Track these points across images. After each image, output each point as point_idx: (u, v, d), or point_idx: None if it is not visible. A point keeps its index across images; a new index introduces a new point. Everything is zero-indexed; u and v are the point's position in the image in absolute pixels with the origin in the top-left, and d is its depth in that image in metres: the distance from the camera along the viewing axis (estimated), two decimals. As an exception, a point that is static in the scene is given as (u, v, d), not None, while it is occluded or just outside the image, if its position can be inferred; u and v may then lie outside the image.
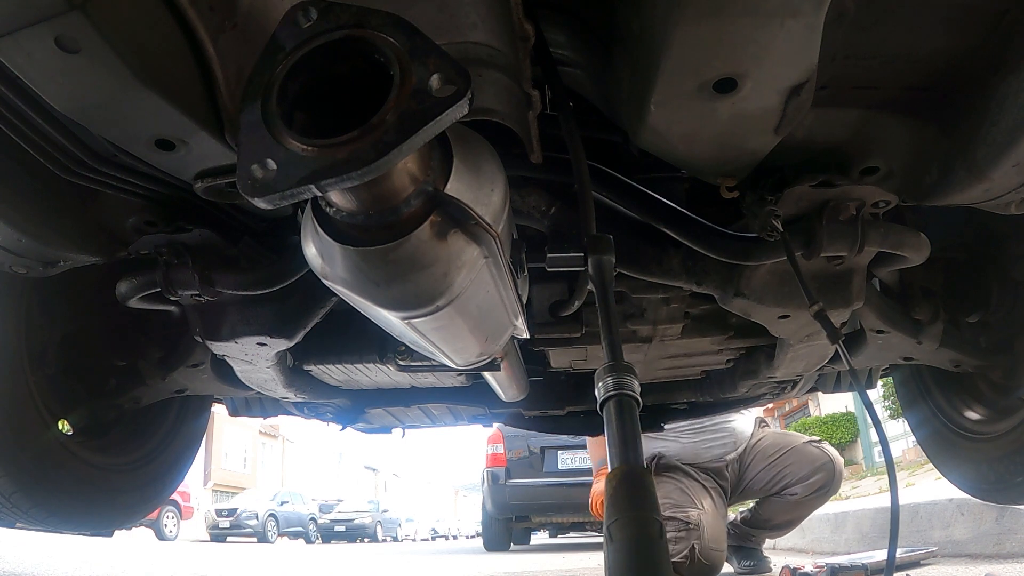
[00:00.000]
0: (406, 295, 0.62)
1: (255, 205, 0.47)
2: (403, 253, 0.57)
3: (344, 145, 0.45)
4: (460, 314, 0.71)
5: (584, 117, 1.15)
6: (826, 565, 2.50)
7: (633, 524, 0.59)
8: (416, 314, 0.66)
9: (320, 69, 0.51)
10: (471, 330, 0.79)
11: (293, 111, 0.50)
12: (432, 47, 0.48)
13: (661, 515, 0.61)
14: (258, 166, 0.46)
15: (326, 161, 0.45)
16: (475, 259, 0.64)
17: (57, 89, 0.71)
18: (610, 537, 0.59)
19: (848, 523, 4.08)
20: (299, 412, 2.23)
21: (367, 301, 0.64)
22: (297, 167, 0.45)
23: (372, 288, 0.61)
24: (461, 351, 0.88)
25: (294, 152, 0.46)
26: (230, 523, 15.91)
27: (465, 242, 0.61)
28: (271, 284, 1.25)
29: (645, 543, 0.58)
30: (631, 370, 0.68)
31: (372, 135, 0.45)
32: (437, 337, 0.78)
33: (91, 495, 1.78)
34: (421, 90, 0.46)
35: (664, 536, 0.60)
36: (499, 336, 0.94)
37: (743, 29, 0.70)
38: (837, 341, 1.00)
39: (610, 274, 0.80)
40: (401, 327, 0.73)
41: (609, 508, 0.61)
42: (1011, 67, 0.87)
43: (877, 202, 1.14)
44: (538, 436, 7.08)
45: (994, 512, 2.79)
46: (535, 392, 1.97)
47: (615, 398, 0.66)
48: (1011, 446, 1.90)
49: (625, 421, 0.65)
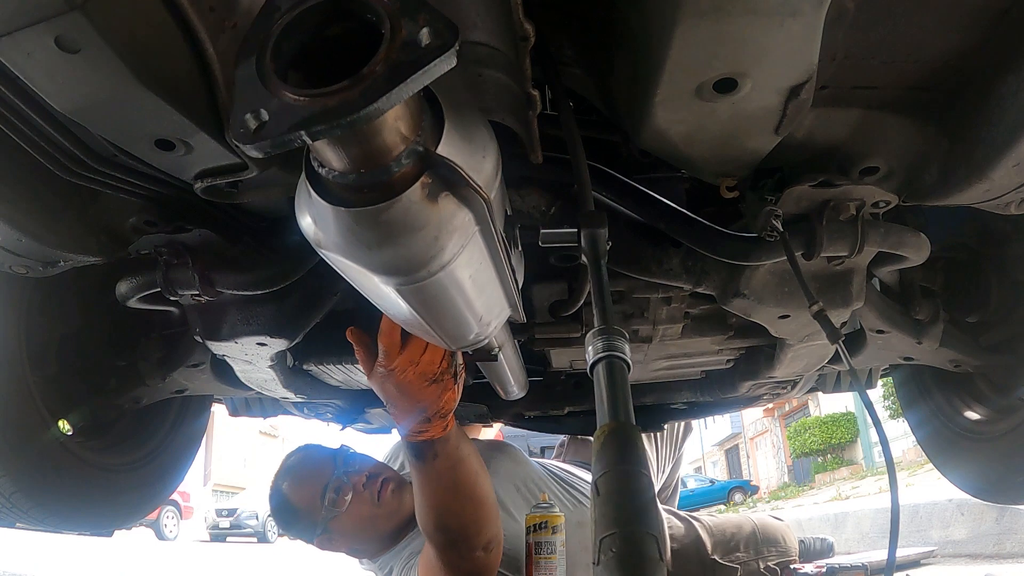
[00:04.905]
0: (398, 258, 0.62)
1: (248, 153, 0.48)
2: (394, 214, 0.57)
3: (335, 94, 0.46)
4: (453, 284, 0.71)
5: (584, 117, 1.15)
6: (826, 565, 2.50)
7: (621, 478, 0.59)
8: (408, 280, 0.66)
9: (314, 29, 0.52)
10: (465, 304, 0.79)
11: (288, 70, 0.51)
12: (422, 3, 0.49)
13: (648, 470, 0.61)
14: (251, 115, 0.47)
15: (317, 108, 0.46)
16: (466, 224, 0.64)
17: (57, 89, 0.71)
18: (597, 492, 0.59)
19: (848, 523, 4.09)
20: (299, 412, 2.23)
21: (360, 266, 0.64)
22: (289, 115, 0.47)
23: (364, 252, 0.61)
24: (455, 328, 0.87)
25: (286, 102, 0.47)
26: (230, 523, 15.90)
27: (456, 205, 0.61)
28: (271, 284, 1.25)
29: (633, 496, 0.58)
30: (622, 334, 0.69)
31: (362, 84, 0.46)
32: (429, 310, 0.77)
33: (91, 495, 1.78)
34: (410, 42, 0.47)
35: (652, 490, 0.59)
36: (495, 316, 0.93)
37: (743, 29, 0.70)
38: (837, 341, 1.00)
39: (603, 246, 0.81)
40: (395, 300, 0.73)
41: (596, 463, 0.61)
42: (1011, 67, 0.87)
43: (877, 202, 1.14)
44: (538, 436, 7.08)
45: (994, 512, 2.80)
46: (535, 392, 1.96)
47: (605, 360, 0.67)
48: (1011, 446, 1.90)
49: (615, 381, 0.66)
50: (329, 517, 1.71)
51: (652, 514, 0.57)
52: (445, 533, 1.37)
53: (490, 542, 1.41)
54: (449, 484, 1.30)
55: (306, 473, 1.79)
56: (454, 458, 1.27)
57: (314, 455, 1.86)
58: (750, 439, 29.31)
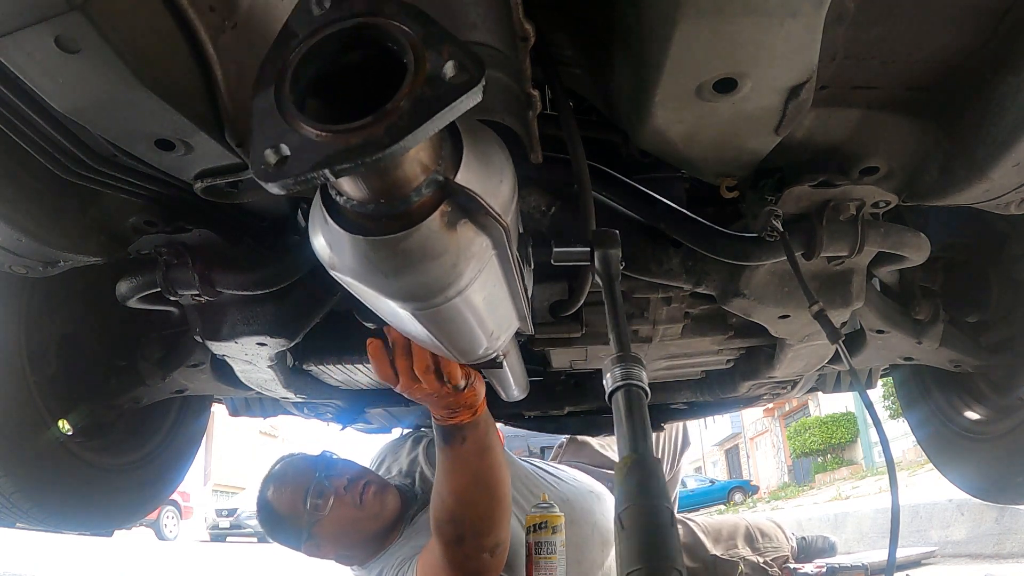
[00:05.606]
0: (415, 286, 0.61)
1: (269, 191, 0.47)
2: (413, 243, 0.57)
3: (358, 131, 0.45)
4: (468, 306, 0.71)
5: (584, 117, 1.15)
6: (826, 565, 2.50)
7: (645, 513, 0.59)
8: (424, 305, 0.66)
9: (333, 56, 0.51)
10: (478, 323, 0.79)
11: (305, 98, 0.50)
12: (446, 35, 0.48)
13: (671, 503, 0.61)
14: (272, 151, 0.46)
15: (340, 146, 0.45)
16: (484, 250, 0.64)
17: (57, 89, 0.71)
18: (621, 525, 0.59)
19: (848, 523, 4.08)
20: (299, 412, 2.23)
21: (376, 292, 0.64)
22: (311, 152, 0.45)
23: (381, 279, 0.61)
24: (466, 345, 0.88)
25: (308, 137, 0.46)
26: (230, 523, 15.88)
27: (475, 233, 0.61)
28: (271, 284, 1.25)
29: (656, 531, 0.58)
30: (639, 361, 0.69)
31: (386, 120, 0.45)
32: (443, 330, 0.78)
33: (91, 495, 1.77)
34: (435, 77, 0.46)
35: (675, 523, 0.60)
36: (505, 330, 0.93)
37: (743, 29, 0.70)
38: (837, 341, 1.00)
39: (616, 267, 0.80)
40: (408, 320, 0.73)
41: (620, 497, 0.61)
42: (1011, 67, 0.87)
43: (877, 202, 1.14)
44: (538, 436, 7.09)
45: (994, 512, 2.79)
46: (535, 392, 1.96)
47: (623, 388, 0.67)
48: (1011, 446, 1.90)
49: (634, 411, 0.66)
50: (312, 522, 1.73)
51: (675, 548, 0.57)
52: (457, 526, 1.37)
53: (497, 545, 1.42)
54: (473, 470, 1.31)
55: (288, 480, 1.81)
56: (482, 444, 1.28)
57: (296, 462, 1.89)
58: (750, 439, 29.30)
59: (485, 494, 1.35)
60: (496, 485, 1.36)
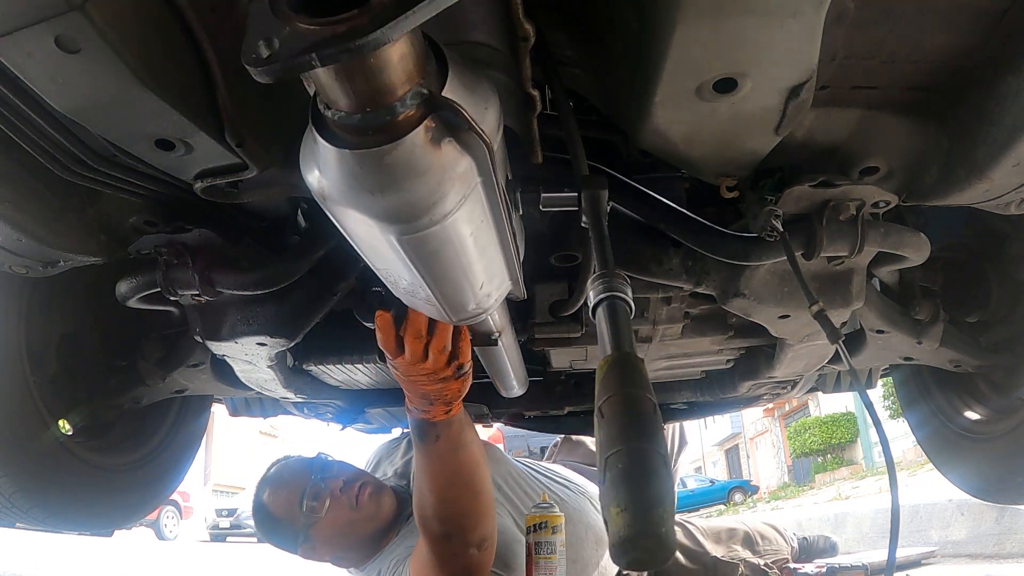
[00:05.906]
0: (400, 203, 0.62)
1: (259, 79, 0.49)
2: (398, 157, 0.58)
3: (344, 21, 0.47)
4: (454, 237, 0.71)
5: (584, 117, 1.15)
6: (826, 565, 2.51)
7: (625, 400, 0.58)
8: (409, 228, 0.66)
9: None
10: (466, 264, 0.79)
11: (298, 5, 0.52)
12: None
13: (654, 395, 0.60)
14: (263, 43, 0.49)
15: (327, 34, 0.47)
16: (469, 173, 0.64)
17: (57, 89, 0.71)
18: (601, 415, 0.58)
19: (848, 523, 4.09)
20: (299, 412, 2.23)
21: (362, 214, 0.64)
22: (300, 41, 0.48)
23: (367, 197, 0.62)
24: (455, 295, 0.87)
25: (297, 30, 0.48)
26: (230, 523, 15.88)
27: (459, 152, 0.62)
28: (271, 284, 1.25)
29: (637, 415, 0.57)
30: (623, 278, 0.69)
31: (370, 12, 0.47)
32: (431, 269, 0.77)
33: (91, 495, 1.78)
34: None
35: (658, 413, 0.58)
36: (496, 288, 0.93)
37: (743, 29, 0.70)
38: (837, 341, 1.00)
39: (603, 206, 0.81)
40: (396, 261, 0.73)
41: (600, 390, 0.60)
42: (1011, 67, 0.87)
43: (877, 202, 1.14)
44: (538, 436, 7.08)
45: (994, 512, 2.79)
46: (535, 392, 1.97)
47: (607, 300, 0.67)
48: (1011, 446, 1.90)
49: (618, 319, 0.66)
50: (309, 524, 1.72)
51: (657, 433, 0.56)
52: (442, 524, 1.38)
53: (484, 540, 1.42)
54: (450, 468, 1.31)
55: (284, 482, 1.81)
56: (456, 442, 1.28)
57: (291, 465, 1.88)
58: (750, 439, 29.30)
59: (464, 490, 1.35)
60: (475, 481, 1.36)
